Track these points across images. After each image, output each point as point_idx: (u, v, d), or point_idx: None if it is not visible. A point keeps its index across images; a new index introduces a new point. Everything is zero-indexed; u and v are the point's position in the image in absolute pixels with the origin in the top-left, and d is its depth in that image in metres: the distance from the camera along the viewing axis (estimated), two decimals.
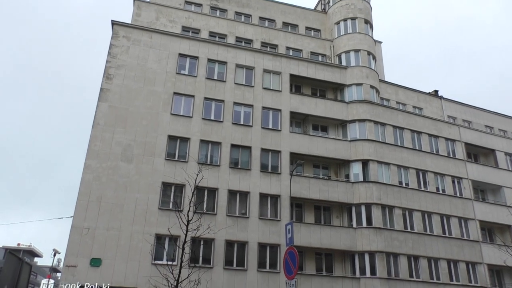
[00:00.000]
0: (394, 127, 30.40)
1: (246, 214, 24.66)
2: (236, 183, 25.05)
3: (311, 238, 25.23)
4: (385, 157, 28.78)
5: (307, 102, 29.15)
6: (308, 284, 23.92)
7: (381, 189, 27.48)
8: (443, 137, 32.10)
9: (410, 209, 28.10)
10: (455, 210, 29.67)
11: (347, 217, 27.34)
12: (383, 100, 32.88)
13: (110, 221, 22.12)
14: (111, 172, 23.19)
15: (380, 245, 25.85)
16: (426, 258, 27.10)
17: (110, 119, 24.33)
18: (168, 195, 23.69)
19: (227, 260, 23.24)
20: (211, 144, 25.69)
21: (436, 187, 30.05)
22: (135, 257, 21.67)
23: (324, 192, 26.79)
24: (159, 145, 24.53)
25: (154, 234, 22.13)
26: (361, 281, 25.16)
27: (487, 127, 36.87)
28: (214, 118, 26.39)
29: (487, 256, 29.06)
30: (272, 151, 26.80)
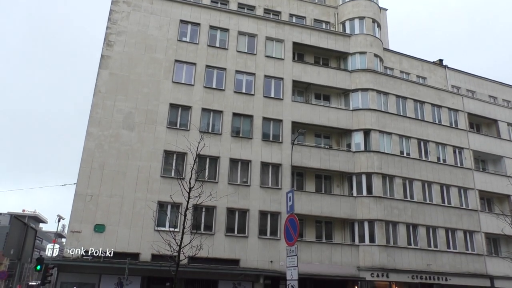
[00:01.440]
0: (397, 97, 30.16)
1: (247, 183, 24.88)
2: (237, 151, 25.15)
3: (311, 206, 25.54)
4: (387, 127, 28.72)
5: (309, 71, 28.82)
6: (308, 251, 24.42)
7: (382, 159, 27.57)
8: (446, 107, 31.90)
9: (410, 178, 28.29)
10: (455, 180, 29.87)
11: (347, 186, 27.58)
12: (387, 69, 32.49)
13: (113, 188, 22.38)
14: (113, 140, 23.26)
15: (380, 213, 26.20)
16: (424, 227, 27.51)
17: (111, 86, 24.19)
18: (170, 163, 23.85)
19: (228, 227, 23.65)
20: (212, 112, 25.62)
21: (437, 157, 30.13)
22: (138, 224, 22.05)
23: (325, 161, 26.91)
24: (160, 113, 24.48)
25: (156, 201, 22.43)
26: (359, 248, 25.65)
27: (491, 97, 36.55)
28: (215, 87, 26.19)
29: (485, 224, 29.48)
30: (273, 120, 26.74)
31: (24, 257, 9.49)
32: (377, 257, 25.30)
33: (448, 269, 27.00)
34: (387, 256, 25.49)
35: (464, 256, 28.03)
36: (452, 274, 26.95)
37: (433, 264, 26.65)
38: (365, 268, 25.08)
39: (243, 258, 23.19)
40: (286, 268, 10.12)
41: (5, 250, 9.51)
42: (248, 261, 23.22)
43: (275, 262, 23.35)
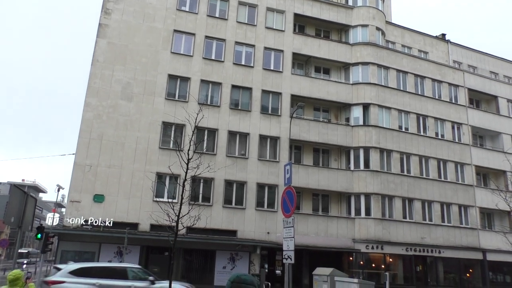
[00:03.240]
0: (398, 71, 29.92)
1: (245, 155, 24.98)
2: (236, 124, 25.12)
3: (309, 179, 25.75)
4: (387, 101, 28.62)
5: (310, 43, 28.45)
6: (304, 223, 24.79)
7: (380, 133, 27.62)
8: (447, 82, 31.70)
9: (408, 153, 28.43)
10: (453, 155, 30.03)
11: (345, 160, 27.72)
12: (389, 43, 32.07)
13: (111, 159, 22.47)
14: (111, 110, 23.17)
15: (376, 187, 26.46)
16: (420, 201, 27.85)
17: (109, 56, 23.90)
18: (168, 134, 23.85)
19: (226, 199, 23.91)
20: (211, 84, 25.43)
21: (436, 132, 30.19)
22: (137, 194, 22.26)
23: (324, 135, 26.95)
24: (159, 84, 24.30)
25: (155, 172, 22.58)
26: (355, 221, 26.04)
27: (492, 73, 36.28)
28: (215, 58, 25.90)
29: (480, 199, 29.86)
30: (273, 93, 26.59)
31: (24, 225, 9.62)
32: (373, 229, 25.72)
33: (441, 242, 27.52)
34: (382, 229, 25.91)
35: (458, 229, 28.52)
36: (446, 247, 27.50)
37: (427, 237, 27.13)
38: (360, 240, 25.54)
39: (241, 229, 23.56)
40: (283, 239, 10.29)
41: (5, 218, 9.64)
42: (245, 232, 23.59)
43: (272, 233, 23.73)
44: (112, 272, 13.16)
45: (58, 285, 11.53)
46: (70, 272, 12.26)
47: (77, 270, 12.43)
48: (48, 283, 11.41)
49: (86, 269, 12.81)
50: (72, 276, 12.15)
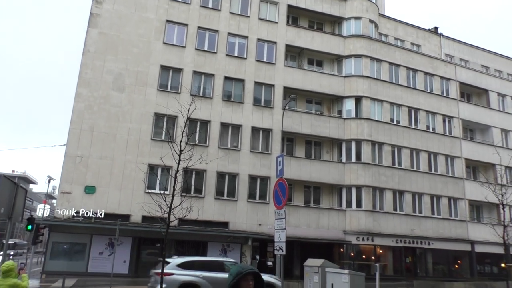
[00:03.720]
0: (390, 64, 30.01)
1: (237, 147, 24.98)
2: (228, 116, 25.08)
3: (300, 171, 25.85)
4: (379, 94, 28.73)
5: (303, 35, 28.39)
6: (295, 215, 24.93)
7: (372, 126, 27.75)
8: (439, 75, 31.88)
9: (399, 146, 28.63)
10: (443, 148, 30.31)
11: (337, 152, 27.86)
12: (382, 36, 32.11)
13: (103, 150, 22.34)
14: (102, 101, 22.99)
15: (368, 179, 26.65)
16: (410, 193, 28.13)
17: (101, 46, 23.65)
18: (160, 126, 23.75)
19: (218, 191, 23.94)
20: (204, 75, 25.31)
21: (427, 125, 30.41)
22: (129, 186, 22.20)
23: (316, 127, 27.01)
24: (151, 75, 24.13)
25: (147, 163, 22.50)
26: (346, 213, 26.25)
27: (484, 66, 36.54)
28: (207, 49, 25.75)
29: (469, 192, 30.22)
30: (265, 85, 26.55)
31: (14, 216, 9.53)
32: (363, 221, 25.95)
33: (431, 234, 27.87)
34: (373, 221, 26.15)
35: (447, 222, 28.88)
36: (435, 239, 27.86)
37: (417, 229, 27.45)
38: (351, 232, 25.76)
39: (232, 221, 23.63)
40: (274, 230, 10.35)
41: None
42: (237, 223, 23.68)
43: (264, 225, 23.84)
44: (211, 265, 14.62)
45: (169, 276, 12.99)
46: (177, 265, 13.83)
47: (183, 263, 14.07)
48: (159, 274, 12.41)
49: (190, 262, 14.36)
50: (179, 268, 13.76)
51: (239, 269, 2.75)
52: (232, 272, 2.75)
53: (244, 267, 2.77)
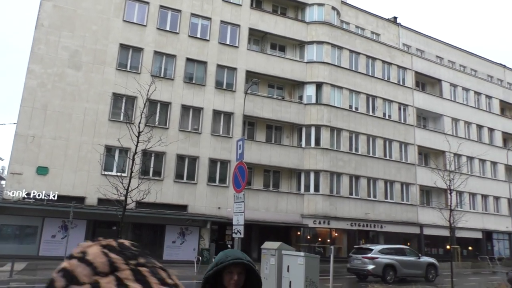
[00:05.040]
0: (351, 52, 30.55)
1: (198, 130, 24.78)
2: (190, 98, 24.75)
3: (261, 155, 26.06)
4: (339, 81, 29.26)
5: (267, 20, 28.28)
6: (255, 198, 25.20)
7: (331, 112, 28.30)
8: (396, 64, 32.83)
9: (356, 132, 29.42)
10: (398, 135, 31.45)
11: (297, 137, 28.27)
12: (343, 23, 32.54)
13: (57, 130, 21.49)
14: (57, 79, 22.01)
15: (326, 164, 27.28)
16: (366, 178, 29.10)
17: (56, 20, 22.50)
18: (119, 106, 23.09)
19: (177, 174, 23.73)
20: (165, 56, 24.75)
21: (383, 113, 31.39)
22: (84, 167, 21.55)
23: (277, 112, 27.22)
24: (110, 53, 23.29)
25: (104, 145, 21.87)
26: (304, 197, 26.83)
27: (438, 57, 37.96)
28: (169, 29, 25.13)
29: (420, 177, 31.67)
30: (228, 68, 26.34)
31: None
32: (320, 205, 26.64)
33: (384, 218, 29.06)
34: (329, 205, 26.90)
35: (400, 206, 30.20)
36: (387, 222, 29.09)
37: (371, 213, 28.53)
38: (308, 215, 26.40)
39: (191, 204, 23.57)
40: (233, 214, 10.42)
41: None
42: (196, 207, 23.64)
43: (223, 208, 23.95)
44: (398, 251, 19.57)
45: (375, 259, 17.98)
46: (379, 251, 18.52)
47: (381, 249, 18.79)
48: (369, 258, 17.99)
49: (386, 249, 19.06)
50: (380, 253, 18.34)
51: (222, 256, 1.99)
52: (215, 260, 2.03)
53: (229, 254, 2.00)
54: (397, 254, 18.95)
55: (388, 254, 18.45)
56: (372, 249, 18.87)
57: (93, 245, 0.70)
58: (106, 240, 0.73)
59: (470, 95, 37.14)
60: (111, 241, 0.73)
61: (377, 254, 18.33)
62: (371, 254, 18.24)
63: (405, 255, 19.34)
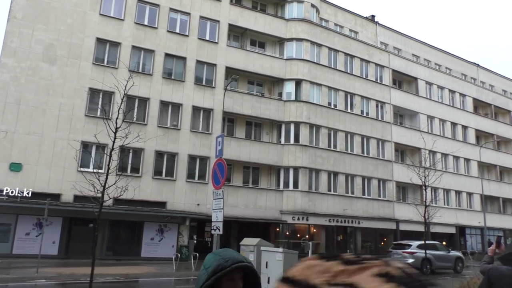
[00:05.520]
0: (330, 49, 30.80)
1: (177, 126, 24.57)
2: (168, 94, 24.50)
3: (240, 152, 26.04)
4: (318, 78, 29.47)
5: (247, 16, 28.21)
6: (234, 195, 25.19)
7: (310, 109, 28.50)
8: (374, 62, 33.28)
9: (335, 129, 29.72)
10: (375, 132, 31.94)
11: (276, 134, 28.37)
12: (322, 21, 32.76)
13: (31, 125, 20.95)
14: (31, 73, 21.44)
15: (305, 161, 27.48)
16: (344, 175, 29.45)
17: (29, 13, 21.88)
18: (95, 102, 22.67)
19: (156, 170, 23.50)
20: (143, 51, 24.40)
21: (361, 110, 31.80)
22: (60, 164, 21.10)
23: (257, 108, 27.23)
24: (86, 47, 22.82)
25: (80, 141, 21.43)
26: (283, 194, 26.98)
27: (414, 55, 38.68)
28: (148, 24, 24.78)
29: (397, 174, 32.26)
30: (207, 64, 26.18)
31: None
32: (299, 202, 26.84)
33: (361, 214, 29.51)
34: (308, 201, 27.13)
35: (377, 202, 30.71)
36: (365, 218, 29.55)
37: (348, 209, 28.91)
38: (287, 212, 26.56)
39: (170, 201, 23.39)
40: (212, 210, 10.40)
41: None
42: (175, 203, 23.47)
43: (202, 205, 23.86)
44: (431, 246, 21.32)
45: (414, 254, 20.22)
46: (417, 247, 20.63)
47: (418, 245, 20.68)
48: (409, 253, 20.34)
49: (421, 244, 20.39)
50: (418, 249, 20.39)
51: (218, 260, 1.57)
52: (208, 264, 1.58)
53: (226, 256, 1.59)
54: (431, 249, 20.98)
55: (423, 249, 20.17)
56: (410, 244, 21.33)
57: (361, 269, 0.51)
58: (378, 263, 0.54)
59: (445, 93, 38.00)
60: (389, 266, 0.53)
61: (415, 249, 20.70)
62: (411, 249, 20.75)
63: (437, 250, 21.67)
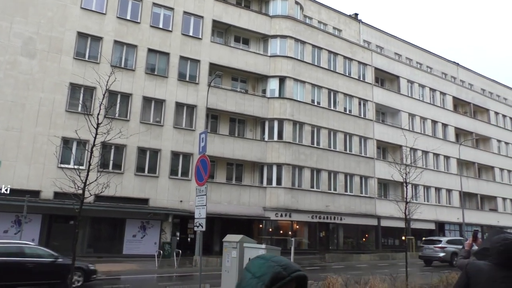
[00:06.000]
0: (313, 47, 30.95)
1: (160, 122, 24.37)
2: (151, 90, 24.26)
3: (224, 149, 26.00)
4: (302, 75, 29.59)
5: (231, 12, 28.10)
6: (217, 192, 25.15)
7: (294, 106, 28.62)
8: (357, 60, 33.59)
9: (318, 126, 29.93)
10: (358, 130, 32.28)
11: (260, 131, 28.41)
12: (306, 18, 32.88)
13: (9, 120, 20.49)
14: (9, 67, 20.94)
15: (288, 158, 27.60)
16: (327, 171, 29.71)
17: (8, 5, 21.35)
18: (77, 97, 22.29)
19: (138, 167, 23.27)
20: (126, 46, 24.09)
21: (344, 107, 32.09)
22: (39, 160, 20.71)
23: (240, 105, 27.20)
24: (67, 41, 22.40)
25: (60, 136, 21.04)
26: (267, 190, 27.06)
27: (396, 54, 39.18)
28: (130, 18, 24.46)
29: (379, 171, 32.70)
30: (191, 60, 26.00)
31: None
32: (282, 198, 26.96)
33: (343, 210, 29.82)
34: (291, 198, 27.28)
35: (359, 198, 31.07)
36: (347, 215, 29.88)
37: (331, 206, 29.18)
38: (270, 208, 26.66)
39: (153, 198, 23.22)
40: (195, 207, 10.36)
41: None
42: (157, 200, 23.31)
43: (185, 201, 23.76)
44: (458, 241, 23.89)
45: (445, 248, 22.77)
46: (446, 242, 23.45)
47: (448, 240, 23.74)
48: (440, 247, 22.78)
49: (451, 240, 24.12)
50: (448, 244, 23.25)
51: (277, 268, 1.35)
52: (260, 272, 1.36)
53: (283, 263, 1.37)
54: (458, 244, 23.03)
55: (452, 243, 23.07)
56: (441, 240, 23.97)
57: None
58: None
59: (426, 91, 38.62)
60: None
61: (446, 244, 23.23)
62: (441, 244, 23.17)
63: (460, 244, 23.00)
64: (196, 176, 10.50)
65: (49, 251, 12.51)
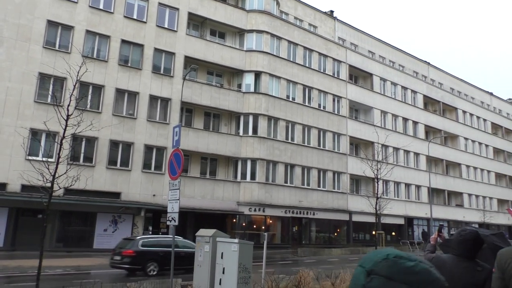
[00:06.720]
0: (289, 42, 31.06)
1: (134, 115, 23.97)
2: (125, 81, 23.80)
3: (198, 143, 25.83)
4: (277, 71, 29.67)
5: (207, 5, 27.83)
6: (191, 186, 24.99)
7: (269, 101, 28.69)
8: (331, 57, 33.93)
9: (293, 122, 30.12)
10: (331, 126, 32.68)
11: (235, 125, 28.35)
12: (282, 14, 32.94)
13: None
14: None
15: (263, 153, 27.69)
16: (301, 167, 29.98)
17: None
18: (46, 87, 21.62)
19: (110, 160, 22.85)
20: (98, 36, 23.51)
21: (319, 104, 32.40)
22: (6, 152, 20.03)
23: (216, 99, 27.06)
24: (36, 30, 21.66)
25: (28, 128, 20.40)
26: (241, 185, 27.08)
27: (370, 52, 39.80)
28: (103, 8, 23.86)
29: (351, 167, 33.24)
30: (166, 52, 25.63)
31: None
32: (256, 193, 27.06)
33: (316, 205, 30.20)
34: (265, 193, 27.41)
35: (331, 194, 31.52)
36: (320, 210, 30.27)
37: (304, 201, 29.49)
38: (244, 203, 26.72)
39: (125, 191, 22.86)
40: (168, 201, 10.27)
41: None
42: (130, 194, 22.97)
43: (158, 196, 23.51)
44: None
45: None
46: None
47: None
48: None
49: None
50: None
51: (428, 275, 1.03)
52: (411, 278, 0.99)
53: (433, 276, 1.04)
54: None
55: None
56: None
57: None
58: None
59: (397, 89, 39.45)
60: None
61: None
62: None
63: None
64: (169, 170, 10.40)
65: (193, 244, 13.86)
